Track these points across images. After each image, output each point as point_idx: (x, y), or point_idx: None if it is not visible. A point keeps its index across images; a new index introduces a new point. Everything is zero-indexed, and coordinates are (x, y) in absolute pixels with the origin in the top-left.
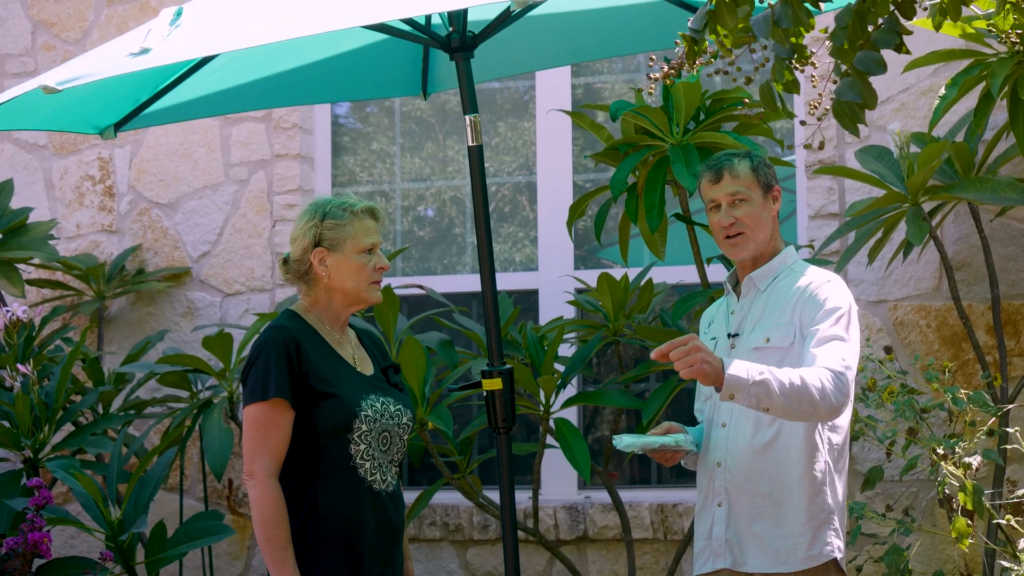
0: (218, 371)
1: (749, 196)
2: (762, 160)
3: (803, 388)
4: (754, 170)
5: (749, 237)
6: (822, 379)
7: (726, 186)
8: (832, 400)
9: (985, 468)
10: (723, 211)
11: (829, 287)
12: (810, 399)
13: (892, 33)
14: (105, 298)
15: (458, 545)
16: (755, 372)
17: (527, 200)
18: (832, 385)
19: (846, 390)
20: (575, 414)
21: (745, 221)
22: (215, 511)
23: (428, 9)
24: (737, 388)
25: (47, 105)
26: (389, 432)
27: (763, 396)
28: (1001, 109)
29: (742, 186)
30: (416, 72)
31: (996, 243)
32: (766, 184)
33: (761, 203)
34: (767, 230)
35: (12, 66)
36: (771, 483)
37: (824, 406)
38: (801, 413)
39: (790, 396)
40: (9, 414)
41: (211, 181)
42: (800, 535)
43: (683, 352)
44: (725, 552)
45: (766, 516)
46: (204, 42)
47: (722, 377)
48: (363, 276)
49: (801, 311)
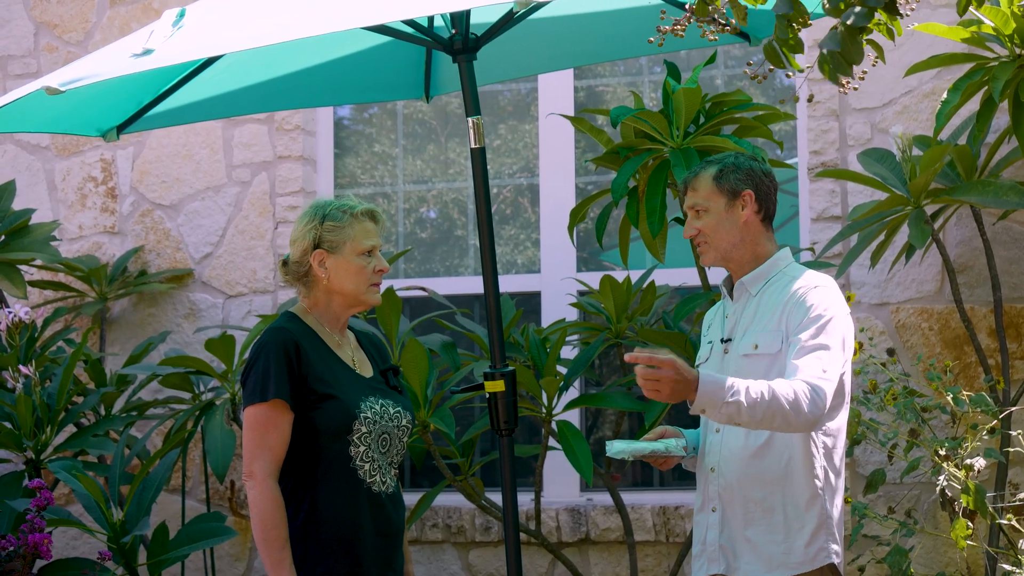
0: (220, 373)
1: (708, 206)
2: (730, 167)
3: (774, 402)
4: (716, 178)
5: (710, 245)
6: (797, 392)
7: (688, 198)
8: (806, 413)
9: (987, 471)
10: (688, 222)
11: (816, 293)
12: (782, 414)
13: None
14: (107, 299)
15: (460, 547)
16: (727, 391)
17: (529, 202)
18: (808, 399)
19: (822, 403)
20: (577, 416)
21: (704, 231)
22: (217, 513)
23: (431, 10)
24: (708, 404)
25: (50, 107)
26: (389, 434)
27: (733, 413)
28: (1003, 112)
29: (700, 198)
30: (419, 75)
31: (998, 246)
32: (731, 191)
33: (723, 211)
34: (731, 237)
35: (15, 67)
36: (764, 488)
37: (798, 420)
38: (774, 427)
39: (761, 411)
40: (11, 415)
41: (213, 183)
42: (793, 540)
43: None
44: (719, 557)
45: (759, 521)
46: (207, 43)
47: (692, 394)
48: (362, 278)
49: (788, 317)
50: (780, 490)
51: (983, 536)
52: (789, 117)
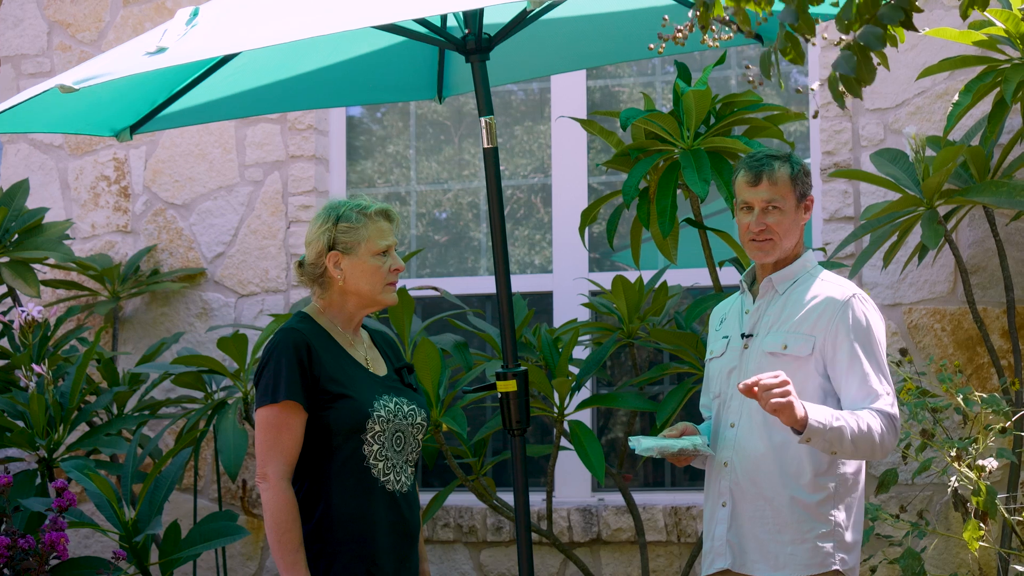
0: (233, 372)
1: (783, 205)
2: (802, 168)
3: (869, 435)
4: (793, 178)
5: (776, 244)
6: (883, 426)
7: (762, 191)
8: (888, 445)
9: (1000, 472)
10: (755, 215)
11: (856, 306)
12: (872, 446)
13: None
14: (120, 298)
15: (472, 547)
16: (832, 419)
17: (542, 203)
18: (891, 432)
19: (898, 432)
20: (589, 416)
21: (775, 229)
22: (229, 512)
23: (444, 9)
24: (816, 433)
25: (63, 107)
26: (403, 432)
27: (835, 441)
28: (1016, 114)
29: (778, 194)
30: (432, 76)
31: (1011, 247)
32: (801, 193)
33: (793, 212)
34: (794, 238)
35: (28, 66)
36: (775, 488)
37: (881, 452)
38: (862, 456)
39: (859, 443)
40: (24, 414)
41: (226, 182)
42: (801, 542)
43: (771, 384)
44: (726, 552)
45: (767, 520)
46: (220, 42)
47: (804, 419)
48: (378, 278)
49: (825, 328)
50: (791, 491)
51: (995, 537)
52: (800, 117)
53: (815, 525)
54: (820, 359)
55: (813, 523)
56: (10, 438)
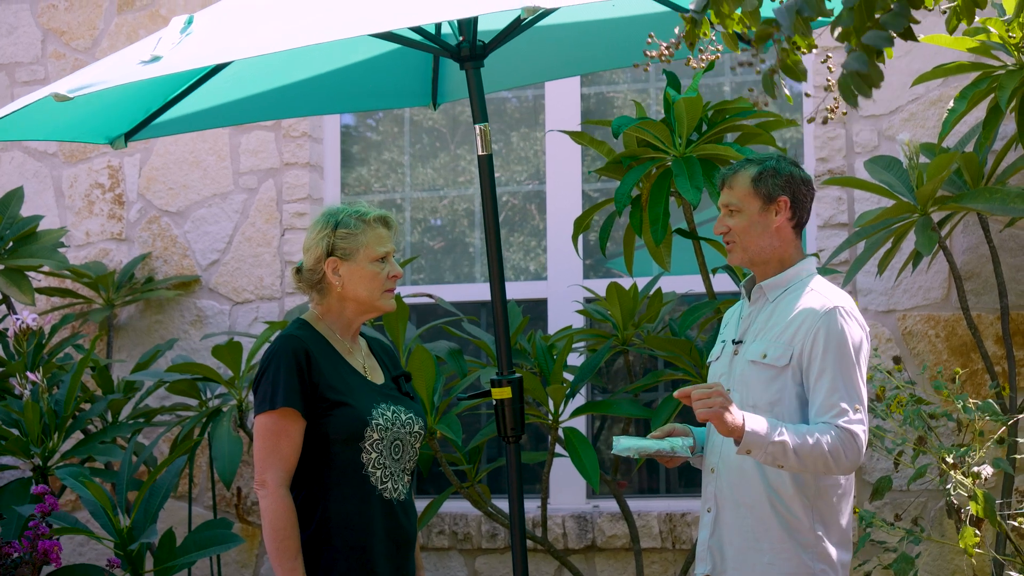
0: (227, 379)
1: (741, 207)
2: (770, 171)
3: (817, 450)
4: (754, 180)
5: (737, 245)
6: (838, 441)
7: (724, 195)
8: (846, 462)
9: (994, 478)
10: (719, 218)
11: (836, 322)
12: (824, 461)
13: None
14: (114, 306)
15: (467, 554)
16: (773, 432)
17: (537, 209)
18: (849, 448)
19: (860, 449)
20: (584, 423)
21: (734, 230)
22: (224, 519)
23: (438, 17)
24: (754, 445)
25: (58, 115)
26: (401, 440)
27: (779, 455)
28: (1010, 120)
29: (735, 198)
30: (426, 83)
31: (1005, 253)
32: (767, 195)
33: (757, 214)
34: (761, 240)
35: (22, 74)
36: (756, 496)
37: (838, 468)
38: (816, 471)
39: (805, 457)
40: (19, 422)
41: (220, 189)
42: (779, 552)
43: (705, 394)
44: (707, 558)
45: (745, 528)
46: (215, 50)
47: (740, 430)
48: (376, 285)
49: (803, 339)
50: (772, 500)
51: (990, 543)
52: (792, 124)
53: (795, 536)
54: (798, 369)
55: (793, 534)
56: (5, 446)
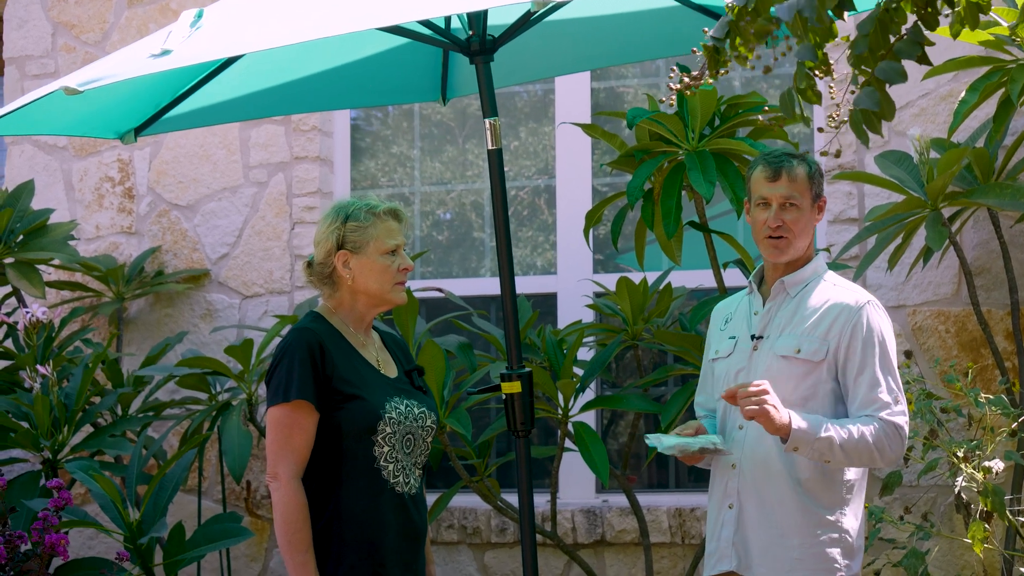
0: (237, 373)
1: (800, 202)
2: (818, 168)
3: (863, 443)
4: (810, 177)
5: (790, 242)
6: (882, 433)
7: (781, 187)
8: (891, 454)
9: (1004, 474)
10: (772, 211)
11: (870, 314)
12: (869, 454)
13: (914, 44)
14: (124, 300)
15: (476, 548)
16: (819, 428)
17: (546, 204)
18: (893, 440)
19: (903, 441)
20: (593, 418)
21: (791, 226)
22: (233, 513)
23: (448, 10)
24: (802, 442)
25: (68, 110)
26: (413, 434)
27: (825, 450)
28: (1021, 115)
29: (796, 191)
30: (436, 78)
31: (1015, 248)
32: (816, 193)
33: (809, 211)
34: (807, 238)
35: (32, 67)
36: (782, 491)
37: (883, 461)
38: (861, 465)
39: (851, 451)
40: (28, 415)
41: (230, 183)
42: (807, 547)
43: (752, 392)
44: (731, 555)
45: (772, 524)
46: (225, 44)
47: (787, 428)
48: (387, 277)
49: (839, 333)
50: (798, 495)
51: (1000, 538)
52: (806, 120)
53: (822, 531)
54: (833, 364)
55: (820, 528)
56: (14, 439)
